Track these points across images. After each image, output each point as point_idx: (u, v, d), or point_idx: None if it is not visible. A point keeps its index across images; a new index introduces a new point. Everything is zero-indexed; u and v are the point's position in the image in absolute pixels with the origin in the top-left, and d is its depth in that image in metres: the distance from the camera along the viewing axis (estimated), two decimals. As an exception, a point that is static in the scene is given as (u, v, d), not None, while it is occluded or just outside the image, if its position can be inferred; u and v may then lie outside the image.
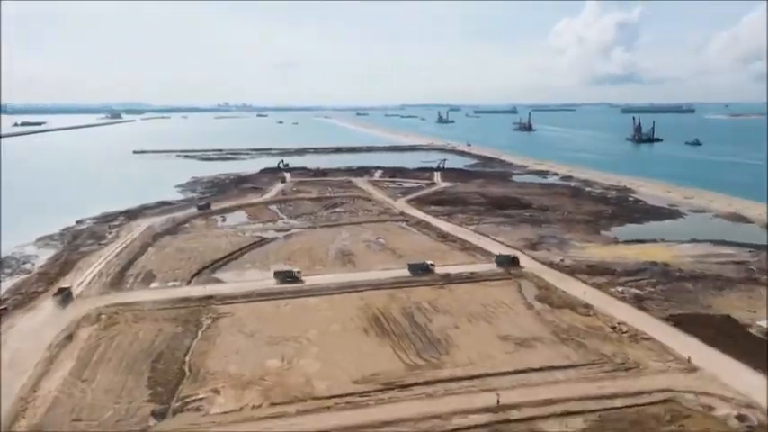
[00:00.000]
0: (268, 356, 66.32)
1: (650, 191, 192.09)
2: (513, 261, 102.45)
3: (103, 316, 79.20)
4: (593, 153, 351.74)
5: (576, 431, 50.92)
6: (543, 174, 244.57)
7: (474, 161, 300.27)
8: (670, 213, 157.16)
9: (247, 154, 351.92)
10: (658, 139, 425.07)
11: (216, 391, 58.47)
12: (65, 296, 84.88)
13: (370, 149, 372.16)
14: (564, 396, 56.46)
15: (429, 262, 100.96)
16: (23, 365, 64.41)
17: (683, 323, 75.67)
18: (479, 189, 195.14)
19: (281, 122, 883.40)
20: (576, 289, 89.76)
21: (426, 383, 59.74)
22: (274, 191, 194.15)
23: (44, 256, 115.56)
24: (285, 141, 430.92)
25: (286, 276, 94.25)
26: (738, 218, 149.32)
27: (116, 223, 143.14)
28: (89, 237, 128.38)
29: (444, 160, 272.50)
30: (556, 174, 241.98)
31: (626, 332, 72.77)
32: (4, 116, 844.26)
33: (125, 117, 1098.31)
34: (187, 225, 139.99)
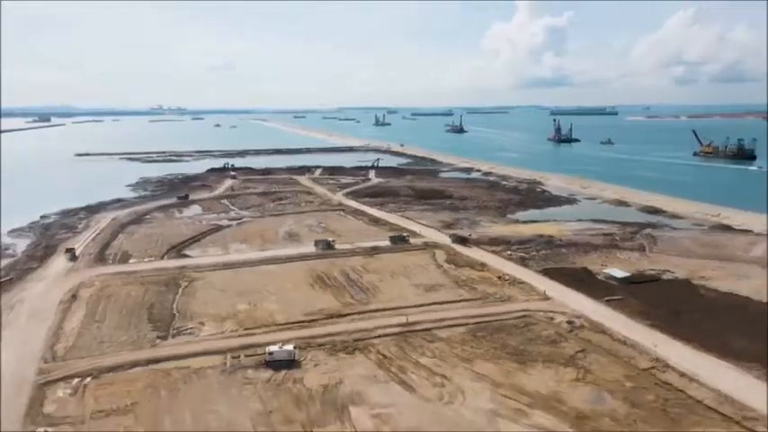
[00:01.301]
0: (238, 303, 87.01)
1: (556, 183, 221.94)
2: (464, 240, 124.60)
3: (97, 282, 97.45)
4: (516, 152, 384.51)
5: (459, 334, 74.41)
6: (467, 170, 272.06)
7: (407, 160, 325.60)
8: (567, 200, 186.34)
9: (190, 156, 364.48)
10: (576, 140, 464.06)
11: (202, 324, 78.92)
12: (72, 255, 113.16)
13: (309, 151, 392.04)
14: (454, 316, 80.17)
15: (405, 234, 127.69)
16: (44, 315, 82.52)
17: (551, 273, 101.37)
18: (409, 183, 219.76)
19: (218, 125, 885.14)
20: (478, 255, 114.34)
21: (357, 313, 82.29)
22: (223, 187, 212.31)
23: (22, 243, 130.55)
24: (225, 144, 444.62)
25: (324, 245, 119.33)
26: (621, 203, 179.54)
27: (81, 216, 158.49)
28: (61, 227, 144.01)
29: (378, 159, 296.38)
30: (478, 170, 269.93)
31: (507, 280, 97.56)
32: None
33: (54, 120, 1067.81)
34: (148, 216, 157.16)
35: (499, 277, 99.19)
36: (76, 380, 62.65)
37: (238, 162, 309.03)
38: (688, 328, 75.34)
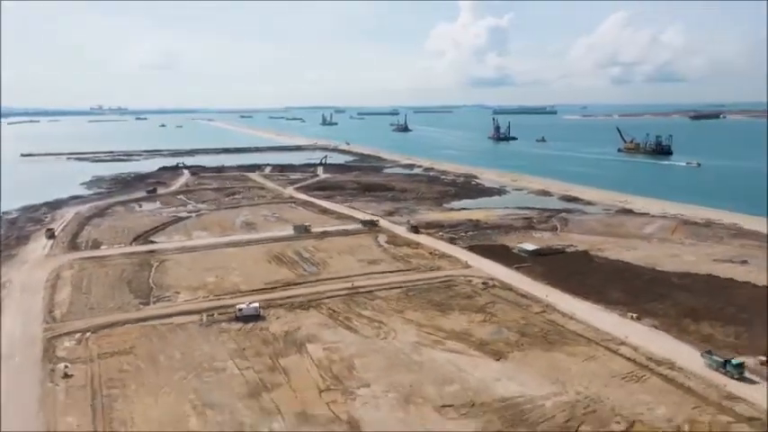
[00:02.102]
0: (206, 277, 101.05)
1: (490, 177, 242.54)
2: (416, 229, 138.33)
3: (75, 265, 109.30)
4: (457, 150, 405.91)
5: (395, 294, 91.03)
6: (410, 166, 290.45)
7: (353, 158, 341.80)
8: (498, 191, 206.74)
9: (139, 155, 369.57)
10: (514, 138, 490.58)
11: (177, 293, 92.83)
12: (51, 233, 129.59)
13: (259, 149, 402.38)
14: (391, 281, 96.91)
15: (376, 218, 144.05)
16: (34, 290, 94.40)
17: (475, 249, 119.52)
18: (355, 178, 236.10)
19: (163, 125, 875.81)
20: (414, 236, 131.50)
21: (310, 282, 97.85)
22: (178, 184, 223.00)
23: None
24: (173, 143, 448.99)
25: (302, 229, 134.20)
26: (544, 193, 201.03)
27: (43, 212, 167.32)
28: (27, 221, 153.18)
29: (326, 156, 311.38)
30: (420, 166, 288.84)
31: (437, 254, 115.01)
32: None
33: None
34: (110, 210, 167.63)
35: (430, 253, 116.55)
36: (78, 334, 75.87)
37: (188, 161, 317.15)
38: (576, 285, 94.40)
